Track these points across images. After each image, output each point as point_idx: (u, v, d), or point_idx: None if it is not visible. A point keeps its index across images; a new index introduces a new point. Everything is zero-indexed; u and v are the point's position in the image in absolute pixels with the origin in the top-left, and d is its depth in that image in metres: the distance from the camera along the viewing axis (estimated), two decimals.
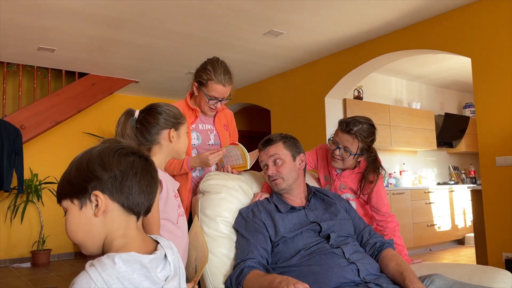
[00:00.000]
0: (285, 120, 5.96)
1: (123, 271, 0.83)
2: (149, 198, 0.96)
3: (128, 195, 0.91)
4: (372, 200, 2.05)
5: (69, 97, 5.62)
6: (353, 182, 2.07)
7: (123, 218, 0.92)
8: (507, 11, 3.58)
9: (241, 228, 1.72)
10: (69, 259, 5.94)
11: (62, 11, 3.83)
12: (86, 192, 0.90)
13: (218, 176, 1.89)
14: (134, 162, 0.93)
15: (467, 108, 7.50)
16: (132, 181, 0.92)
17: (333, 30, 4.45)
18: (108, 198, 0.90)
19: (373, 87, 6.25)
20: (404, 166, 6.50)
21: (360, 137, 1.98)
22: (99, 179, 0.89)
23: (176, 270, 0.95)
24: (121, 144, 0.96)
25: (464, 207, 6.53)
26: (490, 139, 3.69)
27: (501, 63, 3.62)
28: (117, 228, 0.91)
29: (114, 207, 0.91)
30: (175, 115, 1.61)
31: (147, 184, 0.95)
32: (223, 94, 2.09)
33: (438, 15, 4.10)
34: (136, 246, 0.91)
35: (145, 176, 0.94)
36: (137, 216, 0.95)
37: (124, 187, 0.91)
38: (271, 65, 5.68)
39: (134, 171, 0.92)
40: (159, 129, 1.57)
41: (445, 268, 1.66)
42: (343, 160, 2.03)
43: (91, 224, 0.90)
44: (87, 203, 0.90)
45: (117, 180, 0.90)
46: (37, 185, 5.59)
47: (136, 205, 0.93)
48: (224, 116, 2.29)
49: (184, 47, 4.85)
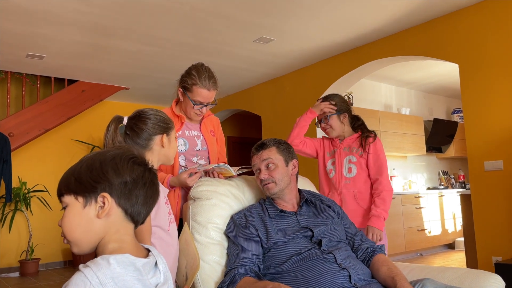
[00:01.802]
0: (276, 126, 5.98)
1: (117, 272, 0.84)
2: (149, 209, 0.99)
3: (134, 203, 0.94)
4: (372, 170, 2.35)
5: (58, 104, 5.58)
6: (354, 143, 2.43)
7: (123, 224, 0.94)
8: (494, 18, 3.64)
9: (233, 234, 1.72)
10: (58, 268, 5.86)
11: (51, 18, 3.81)
12: (95, 192, 0.91)
13: (209, 182, 1.89)
14: (145, 173, 0.97)
15: (456, 113, 7.60)
16: (140, 190, 0.95)
17: (323, 36, 4.48)
18: (114, 202, 0.92)
19: (362, 93, 6.30)
20: (394, 171, 6.54)
21: (334, 100, 2.43)
22: (110, 182, 0.91)
23: (166, 279, 0.97)
24: (134, 152, 0.99)
25: (454, 211, 6.58)
26: (478, 144, 3.73)
27: (488, 69, 3.67)
28: (114, 232, 0.93)
29: (117, 212, 0.93)
30: (164, 120, 1.61)
31: (151, 196, 0.98)
32: (208, 98, 2.10)
33: (426, 22, 4.15)
34: (129, 250, 0.92)
35: (151, 188, 0.98)
36: (135, 224, 0.97)
37: (132, 195, 0.94)
38: (261, 72, 5.70)
39: (144, 181, 0.96)
40: (151, 135, 1.56)
41: (436, 272, 1.67)
42: (332, 127, 2.42)
43: (91, 224, 0.92)
44: (92, 203, 0.92)
45: (127, 187, 0.93)
46: (25, 193, 5.52)
47: (138, 214, 0.96)
48: (210, 122, 2.30)
49: (174, 54, 4.84)
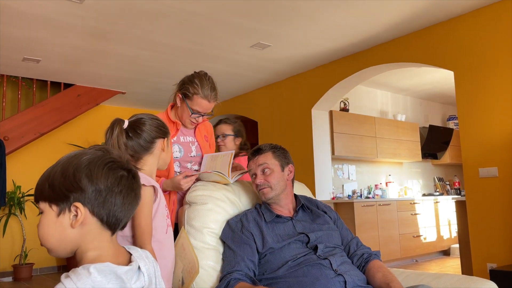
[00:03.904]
0: (273, 132, 5.98)
1: (98, 281, 0.82)
2: (128, 215, 0.95)
3: (110, 212, 0.90)
4: None
5: (54, 108, 5.56)
6: None
7: (99, 231, 0.91)
8: (488, 26, 3.67)
9: (228, 239, 1.71)
10: (52, 273, 5.81)
11: (48, 22, 3.81)
12: (67, 201, 0.88)
13: (204, 187, 1.88)
14: (122, 178, 0.92)
15: (451, 120, 7.63)
16: (116, 197, 0.90)
17: (319, 43, 4.50)
18: (88, 211, 0.88)
19: (359, 99, 6.33)
20: (390, 177, 6.56)
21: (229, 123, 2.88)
22: (83, 190, 0.87)
23: (151, 280, 0.94)
24: (112, 156, 0.95)
25: (449, 218, 6.60)
26: (473, 151, 3.75)
27: (483, 76, 3.70)
28: (91, 240, 0.90)
29: (92, 221, 0.89)
30: (162, 124, 1.62)
31: (130, 202, 0.94)
32: (207, 109, 2.09)
33: (422, 29, 4.18)
34: (109, 257, 0.90)
35: (129, 194, 0.93)
36: (113, 231, 0.94)
37: (107, 203, 0.89)
38: (258, 77, 5.71)
39: (120, 188, 0.91)
40: (154, 138, 1.57)
41: (431, 278, 1.67)
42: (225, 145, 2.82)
43: (65, 233, 0.89)
44: (66, 212, 0.88)
45: (102, 195, 0.89)
46: (20, 197, 5.48)
47: (115, 222, 0.92)
48: (204, 128, 2.30)
49: (171, 59, 4.85)
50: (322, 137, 5.49)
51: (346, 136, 5.78)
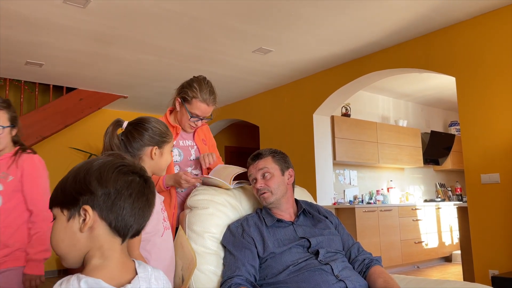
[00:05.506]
0: (274, 136, 5.99)
1: None
2: (140, 221, 0.93)
3: (118, 216, 0.88)
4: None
5: (56, 112, 5.57)
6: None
7: (108, 238, 0.89)
8: (490, 32, 3.68)
9: (229, 244, 1.71)
10: (52, 277, 5.80)
11: (50, 26, 3.83)
12: (77, 205, 0.87)
13: (205, 191, 1.88)
14: (132, 182, 0.91)
15: (453, 126, 7.62)
16: (125, 201, 0.89)
17: (321, 48, 4.51)
18: (97, 215, 0.87)
19: (360, 104, 6.33)
20: (392, 183, 6.54)
21: None
22: (93, 193, 0.87)
23: None
24: (124, 160, 0.94)
25: (451, 224, 6.57)
26: (475, 156, 3.74)
27: (484, 82, 3.70)
28: (99, 247, 0.88)
29: (101, 225, 0.88)
30: (161, 133, 1.58)
31: (140, 207, 0.92)
32: (206, 113, 2.11)
33: (424, 35, 4.19)
34: (112, 269, 0.88)
35: (139, 199, 0.91)
36: (123, 238, 0.91)
37: (115, 206, 0.88)
38: (260, 82, 5.72)
39: (130, 191, 0.89)
40: (142, 145, 1.54)
41: (433, 284, 1.66)
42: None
43: (75, 238, 0.88)
44: (76, 216, 0.88)
45: (110, 198, 0.87)
46: None
47: (124, 227, 0.90)
48: (202, 131, 2.30)
49: (173, 63, 4.86)
50: (324, 142, 5.49)
51: (348, 141, 5.78)
